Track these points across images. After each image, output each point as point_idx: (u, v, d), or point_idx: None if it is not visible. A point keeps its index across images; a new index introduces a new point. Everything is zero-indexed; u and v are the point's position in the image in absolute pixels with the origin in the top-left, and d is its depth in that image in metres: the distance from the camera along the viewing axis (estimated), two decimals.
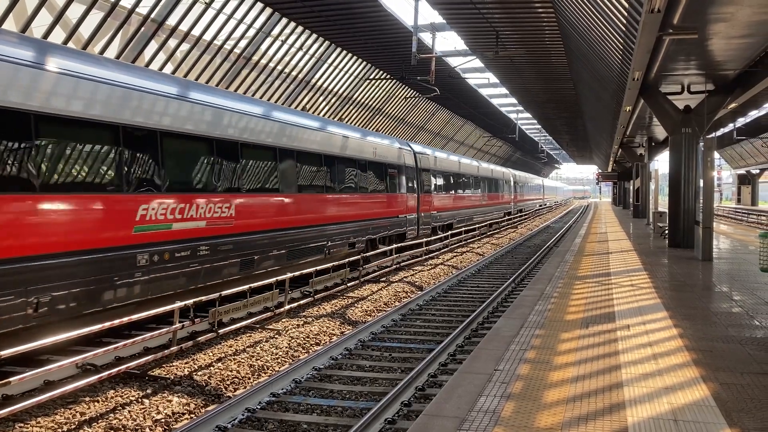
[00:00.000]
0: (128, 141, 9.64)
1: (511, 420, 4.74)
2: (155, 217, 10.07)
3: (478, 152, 60.02)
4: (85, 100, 8.98)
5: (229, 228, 11.94)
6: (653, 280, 11.74)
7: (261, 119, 13.43)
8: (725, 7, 10.35)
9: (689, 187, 17.40)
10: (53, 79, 8.52)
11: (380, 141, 20.79)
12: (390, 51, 26.77)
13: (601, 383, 5.60)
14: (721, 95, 17.16)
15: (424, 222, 24.31)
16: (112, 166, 9.39)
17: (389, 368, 8.98)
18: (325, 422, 6.84)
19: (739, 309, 8.97)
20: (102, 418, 6.85)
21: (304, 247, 14.73)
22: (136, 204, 9.77)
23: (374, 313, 13.13)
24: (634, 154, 37.22)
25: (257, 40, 21.83)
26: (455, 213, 29.66)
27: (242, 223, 12.32)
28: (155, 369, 8.49)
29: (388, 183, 20.65)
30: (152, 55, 18.20)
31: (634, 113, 21.81)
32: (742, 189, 63.21)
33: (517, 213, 49.93)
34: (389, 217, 20.53)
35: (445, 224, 27.80)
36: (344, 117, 31.83)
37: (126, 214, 9.56)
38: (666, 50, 13.12)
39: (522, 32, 23.14)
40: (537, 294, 10.26)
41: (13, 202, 7.85)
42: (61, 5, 14.72)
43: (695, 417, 4.81)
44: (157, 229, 10.10)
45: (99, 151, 9.17)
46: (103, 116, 9.22)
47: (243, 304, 10.43)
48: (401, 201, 21.75)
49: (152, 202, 10.04)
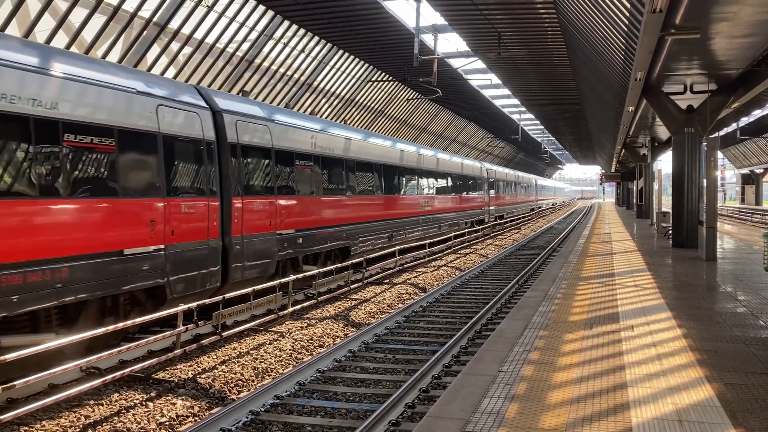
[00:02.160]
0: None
1: (515, 421, 4.73)
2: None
3: (481, 153, 60.00)
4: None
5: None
6: (657, 280, 11.72)
7: (422, 156, 24.17)
8: (727, 6, 10.34)
9: (693, 187, 17.37)
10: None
11: (470, 162, 33.45)
12: (392, 53, 26.81)
13: (605, 384, 5.59)
14: (724, 95, 17.14)
15: (491, 213, 37.12)
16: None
17: (393, 370, 8.98)
18: (329, 424, 6.83)
19: (744, 309, 8.94)
20: (106, 421, 6.86)
21: (450, 222, 27.74)
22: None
23: (378, 315, 13.13)
24: (637, 155, 37.18)
25: (259, 43, 21.89)
26: (506, 208, 42.61)
27: (433, 209, 24.73)
28: (159, 372, 8.50)
29: (476, 188, 33.61)
30: (155, 59, 18.24)
31: (636, 113, 21.78)
32: (745, 188, 63.01)
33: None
34: (477, 209, 33.59)
35: (499, 215, 39.85)
36: (346, 119, 31.85)
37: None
38: (668, 50, 13.11)
39: (524, 33, 23.15)
40: (541, 295, 10.25)
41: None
42: (64, 9, 14.77)
43: (700, 418, 4.79)
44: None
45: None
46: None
47: (247, 307, 10.43)
48: (481, 200, 34.73)
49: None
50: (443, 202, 26.99)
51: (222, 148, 11.50)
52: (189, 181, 10.58)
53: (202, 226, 10.72)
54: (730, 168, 71.05)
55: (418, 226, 23.08)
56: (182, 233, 10.21)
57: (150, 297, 9.94)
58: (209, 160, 11.06)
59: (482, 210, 34.65)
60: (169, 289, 9.94)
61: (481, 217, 34.29)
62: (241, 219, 11.75)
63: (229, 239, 11.38)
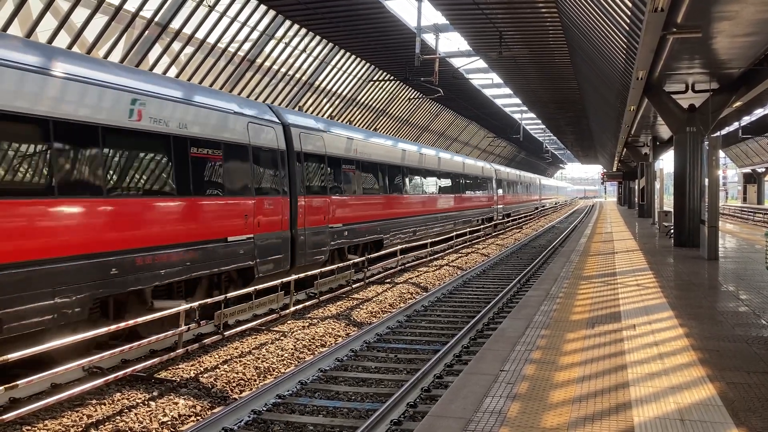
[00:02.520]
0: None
1: (517, 420, 4.73)
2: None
3: (482, 152, 59.99)
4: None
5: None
6: (659, 279, 11.71)
7: (441, 159, 26.76)
8: (729, 5, 10.33)
9: (694, 186, 17.36)
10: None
11: (480, 164, 35.04)
12: (393, 52, 26.81)
13: (607, 383, 5.59)
14: (726, 94, 17.12)
15: (499, 211, 38.67)
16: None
17: (395, 369, 8.98)
18: (331, 423, 6.84)
19: (746, 308, 8.94)
20: (108, 421, 6.87)
21: (464, 219, 29.56)
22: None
23: (379, 314, 13.14)
24: (638, 154, 37.15)
25: (261, 42, 21.90)
26: (512, 207, 44.20)
27: (449, 208, 27.24)
28: (161, 371, 8.51)
29: (486, 188, 35.35)
30: (156, 59, 18.26)
31: (638, 112, 21.76)
32: (747, 188, 62.97)
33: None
34: (487, 208, 35.23)
35: (506, 213, 41.46)
36: (348, 119, 31.86)
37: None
38: (670, 49, 13.10)
39: (525, 32, 23.14)
40: (542, 294, 10.25)
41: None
42: (65, 9, 14.79)
43: (702, 416, 4.79)
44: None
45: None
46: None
47: (248, 306, 10.44)
48: (490, 199, 36.26)
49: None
50: (458, 201, 28.95)
51: (290, 156, 13.75)
52: (269, 183, 12.81)
53: (277, 220, 12.98)
54: (731, 167, 70.97)
55: (437, 222, 25.17)
56: (265, 225, 12.50)
57: (241, 276, 12.07)
58: (282, 166, 13.28)
59: (491, 208, 36.64)
60: (256, 270, 12.16)
61: (491, 215, 36.36)
62: (303, 214, 14.06)
63: (295, 231, 13.65)
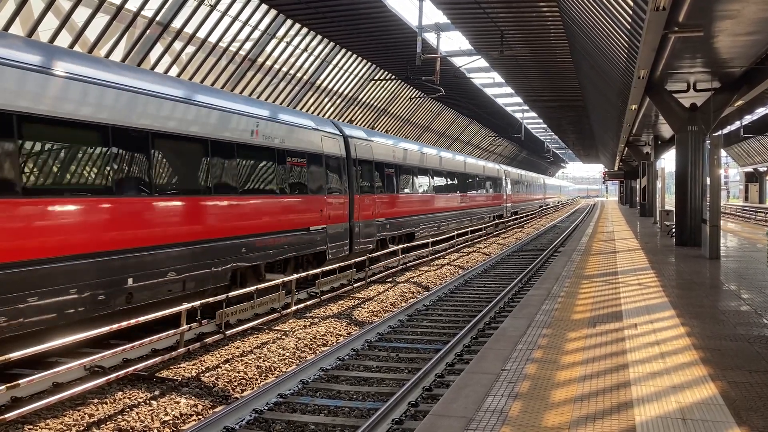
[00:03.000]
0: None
1: (518, 419, 4.73)
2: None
3: (484, 152, 59.97)
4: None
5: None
6: (660, 278, 11.70)
7: (459, 162, 30.13)
8: (731, 4, 10.31)
9: (696, 185, 17.34)
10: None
11: (491, 165, 38.07)
12: (395, 51, 26.79)
13: (609, 382, 5.59)
14: (728, 93, 17.10)
15: (507, 209, 41.38)
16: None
17: (396, 368, 8.98)
18: (333, 423, 6.84)
19: (748, 307, 8.93)
20: (110, 420, 6.88)
21: (479, 216, 32.84)
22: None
23: (381, 313, 13.14)
24: (640, 153, 37.12)
25: (262, 41, 21.89)
26: (519, 205, 47.54)
27: (467, 206, 30.40)
28: (163, 371, 8.52)
29: (497, 188, 38.02)
30: (158, 58, 18.26)
31: (639, 112, 21.75)
32: (749, 187, 62.92)
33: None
34: (498, 206, 38.20)
35: (514, 211, 44.92)
36: (349, 118, 31.86)
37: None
38: (671, 48, 13.08)
39: (527, 31, 23.11)
40: (544, 293, 10.24)
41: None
42: (67, 9, 14.79)
43: (704, 416, 4.79)
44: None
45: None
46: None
47: (250, 306, 10.45)
48: (500, 198, 39.15)
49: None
50: (474, 200, 32.46)
51: (348, 161, 16.91)
52: (335, 184, 15.95)
53: (341, 214, 16.18)
54: (733, 166, 70.89)
55: (457, 218, 28.50)
56: (333, 218, 15.66)
57: (316, 258, 15.11)
58: (343, 170, 16.44)
59: (501, 206, 39.90)
60: (328, 253, 15.25)
61: (501, 212, 39.62)
62: (358, 210, 17.18)
63: (353, 223, 16.81)
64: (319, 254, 15.08)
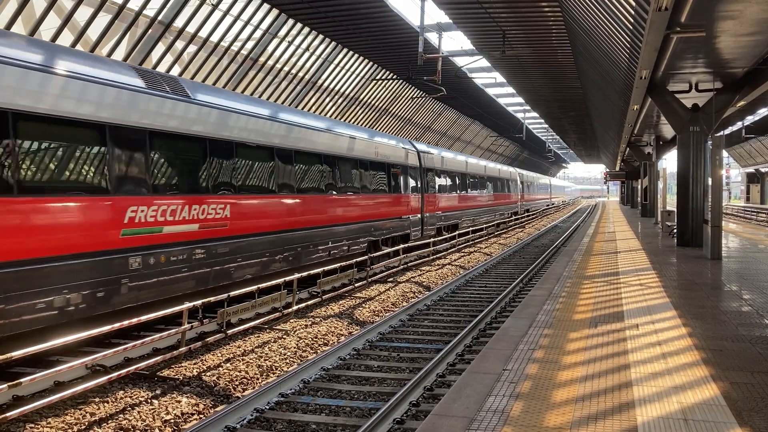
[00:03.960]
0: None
1: (520, 419, 4.73)
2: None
3: (485, 152, 59.95)
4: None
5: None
6: (662, 279, 11.69)
7: (486, 167, 36.09)
8: (733, 4, 10.30)
9: (697, 185, 17.32)
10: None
11: (507, 168, 43.94)
12: (396, 51, 26.78)
13: (610, 382, 5.59)
14: (730, 93, 17.08)
15: (522, 207, 47.69)
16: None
17: (397, 368, 8.99)
18: (334, 422, 6.84)
19: (749, 308, 8.92)
20: (112, 419, 6.89)
21: (500, 212, 38.87)
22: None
23: (382, 313, 13.14)
24: (641, 153, 37.08)
25: (264, 41, 21.90)
26: (530, 203, 53.71)
27: (493, 203, 36.89)
28: (164, 370, 8.52)
29: (513, 189, 43.98)
30: (159, 57, 18.27)
31: (641, 112, 21.73)
32: (750, 187, 62.85)
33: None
34: (514, 204, 44.19)
35: (526, 209, 50.50)
36: (350, 118, 31.86)
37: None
38: (673, 48, 13.07)
39: (529, 31, 23.10)
40: (545, 294, 10.24)
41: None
42: (69, 8, 14.81)
43: (705, 416, 4.79)
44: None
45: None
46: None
47: (251, 305, 10.45)
48: (515, 197, 44.87)
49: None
50: (498, 198, 38.64)
51: (421, 170, 23.18)
52: (413, 186, 22.20)
53: (417, 207, 22.45)
54: (735, 167, 70.81)
55: (486, 213, 34.71)
56: (412, 210, 21.94)
57: (402, 238, 20.95)
58: (417, 175, 22.75)
59: (517, 204, 46.03)
60: (411, 235, 21.56)
61: (516, 209, 45.56)
62: (426, 205, 23.42)
63: (423, 214, 22.96)
64: (405, 235, 21.18)
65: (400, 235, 20.56)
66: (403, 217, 20.71)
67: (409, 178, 21.58)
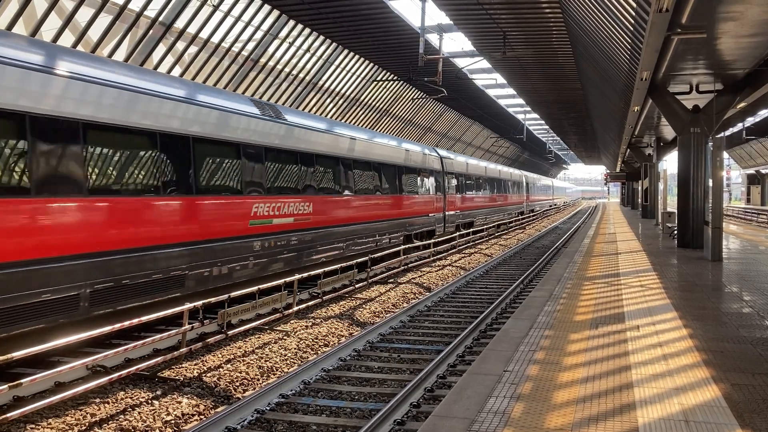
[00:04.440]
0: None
1: (520, 421, 4.73)
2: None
3: (486, 153, 59.95)
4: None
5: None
6: (662, 280, 11.69)
7: (500, 171, 41.11)
8: (734, 5, 10.30)
9: (698, 187, 17.31)
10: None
11: (517, 171, 48.74)
12: (397, 52, 26.79)
13: (611, 384, 5.58)
14: (730, 95, 17.07)
15: (527, 207, 51.76)
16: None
17: (398, 369, 8.98)
18: (335, 423, 6.84)
19: (750, 309, 8.92)
20: (112, 420, 6.88)
21: (509, 211, 42.63)
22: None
23: (382, 314, 13.14)
24: (642, 155, 37.07)
25: (265, 42, 21.90)
26: (534, 204, 57.46)
27: (503, 204, 41.05)
28: (165, 370, 8.52)
29: (519, 190, 47.42)
30: (160, 58, 18.28)
31: (642, 113, 21.72)
32: (751, 189, 62.83)
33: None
34: (520, 204, 47.77)
35: (531, 209, 54.65)
36: (351, 119, 31.86)
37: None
38: (674, 50, 13.07)
39: (529, 33, 23.10)
40: (546, 295, 10.24)
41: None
42: (70, 9, 14.81)
43: (706, 418, 4.78)
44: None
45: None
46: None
47: (252, 306, 10.45)
48: (521, 198, 49.09)
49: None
50: (507, 199, 42.35)
51: (443, 173, 26.12)
52: (437, 187, 25.09)
53: (440, 206, 25.31)
54: (735, 168, 70.78)
55: (497, 213, 38.38)
56: (436, 209, 24.65)
57: (429, 234, 23.65)
58: (439, 178, 25.54)
59: (523, 204, 49.85)
60: (436, 231, 24.35)
61: (522, 209, 49.18)
62: (447, 204, 26.34)
63: (445, 213, 25.84)
64: (431, 231, 23.96)
65: (427, 230, 23.47)
66: (429, 215, 23.70)
67: (433, 180, 24.61)
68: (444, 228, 25.47)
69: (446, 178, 26.41)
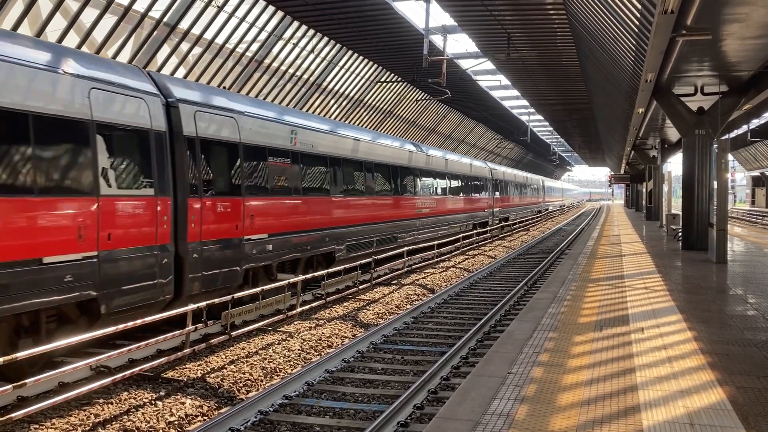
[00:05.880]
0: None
1: (524, 423, 4.72)
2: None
3: (490, 154, 59.94)
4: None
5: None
6: (667, 282, 11.66)
7: (523, 176, 49.75)
8: (739, 7, 10.27)
9: (703, 189, 17.26)
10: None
11: (535, 176, 55.56)
12: (401, 53, 26.80)
13: (616, 386, 5.57)
14: (735, 97, 17.03)
15: (543, 206, 58.59)
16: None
17: (401, 371, 8.97)
18: (338, 425, 6.83)
19: (755, 312, 8.88)
20: (116, 420, 6.89)
21: (531, 210, 51.47)
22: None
23: (386, 315, 13.12)
24: (646, 156, 37.01)
25: (269, 43, 21.93)
26: (549, 204, 66.82)
27: (525, 204, 49.60)
28: (168, 371, 8.52)
29: (538, 192, 56.37)
30: (165, 59, 18.31)
31: (646, 115, 21.68)
32: (756, 191, 62.66)
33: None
34: (537, 204, 55.58)
35: (546, 208, 62.52)
36: (355, 120, 31.88)
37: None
38: (679, 51, 13.03)
39: (533, 34, 23.08)
40: (550, 297, 10.21)
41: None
42: (75, 10, 14.85)
43: (711, 421, 4.76)
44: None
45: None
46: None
47: (255, 307, 10.46)
48: (540, 199, 56.96)
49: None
50: (531, 199, 51.09)
51: (491, 180, 34.77)
52: (487, 190, 33.94)
53: (489, 205, 34.17)
54: (740, 170, 70.61)
55: (524, 211, 46.52)
56: (489, 206, 34.13)
57: (483, 224, 32.13)
58: (490, 184, 34.30)
59: (540, 205, 57.13)
60: (488, 223, 33.57)
61: (539, 209, 56.69)
62: (494, 203, 35.08)
63: (492, 210, 34.70)
64: (485, 222, 32.50)
65: (483, 222, 32.34)
66: (485, 210, 32.98)
67: (486, 185, 33.33)
68: (492, 220, 34.38)
69: (493, 183, 35.33)
